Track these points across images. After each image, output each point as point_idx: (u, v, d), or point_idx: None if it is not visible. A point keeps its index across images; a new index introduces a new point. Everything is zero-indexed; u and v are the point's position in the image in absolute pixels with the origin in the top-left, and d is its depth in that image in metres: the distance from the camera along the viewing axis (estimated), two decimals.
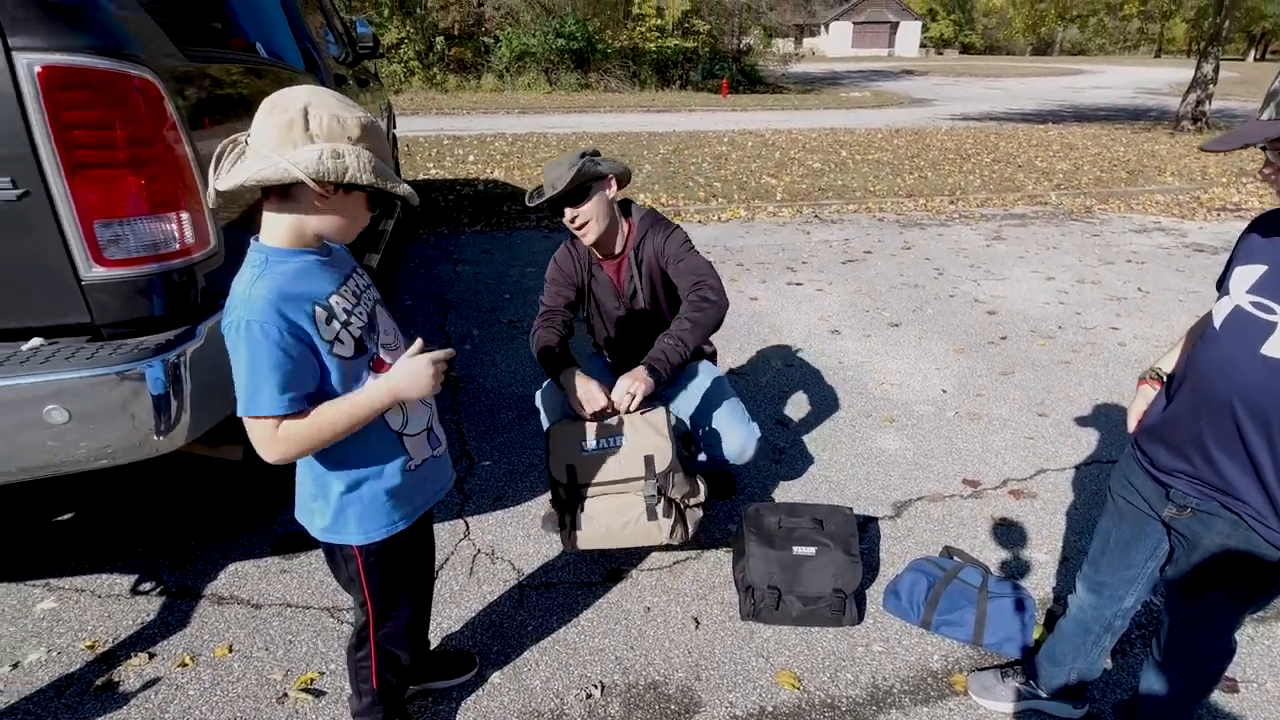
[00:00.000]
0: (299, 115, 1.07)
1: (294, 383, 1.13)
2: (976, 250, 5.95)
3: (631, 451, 1.91)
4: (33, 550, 2.34)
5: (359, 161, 1.10)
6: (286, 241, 1.16)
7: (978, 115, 16.84)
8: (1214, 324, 1.29)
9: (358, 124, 1.11)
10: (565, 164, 2.05)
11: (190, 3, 2.27)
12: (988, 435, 3.09)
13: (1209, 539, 1.31)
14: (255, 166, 1.06)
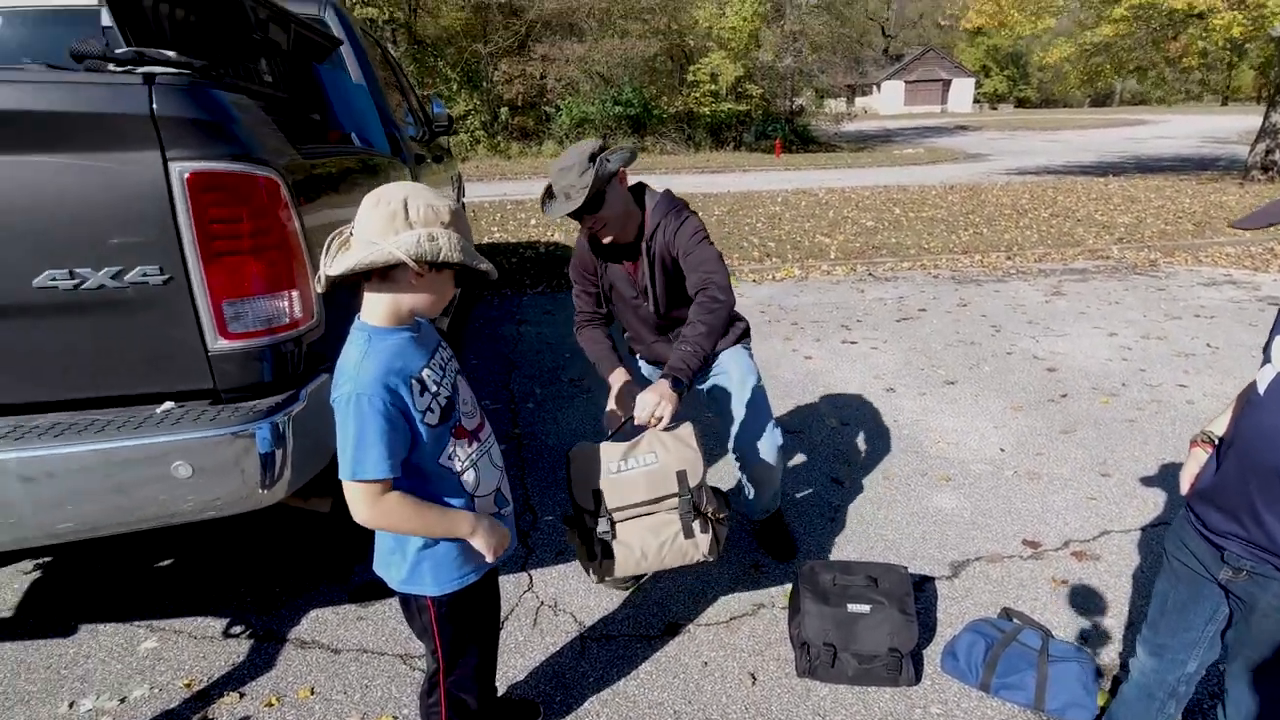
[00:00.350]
0: (400, 206, 1.24)
1: (394, 450, 1.27)
2: (1035, 306, 5.90)
3: (663, 468, 1.86)
4: (138, 593, 2.55)
5: (450, 243, 1.26)
6: (386, 320, 1.31)
7: (1035, 169, 16.72)
8: (1258, 390, 1.33)
9: (448, 211, 1.28)
10: (575, 169, 2.00)
11: (300, 103, 2.57)
12: (1048, 495, 3.06)
13: (1265, 601, 1.33)
14: (363, 253, 1.23)
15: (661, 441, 1.88)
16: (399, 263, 1.23)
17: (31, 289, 1.50)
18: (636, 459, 1.85)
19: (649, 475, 1.85)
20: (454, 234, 1.27)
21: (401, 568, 1.45)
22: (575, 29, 23.53)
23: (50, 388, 1.64)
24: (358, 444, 1.24)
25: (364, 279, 1.28)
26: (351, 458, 1.25)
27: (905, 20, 62.54)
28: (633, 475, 1.85)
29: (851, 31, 31.31)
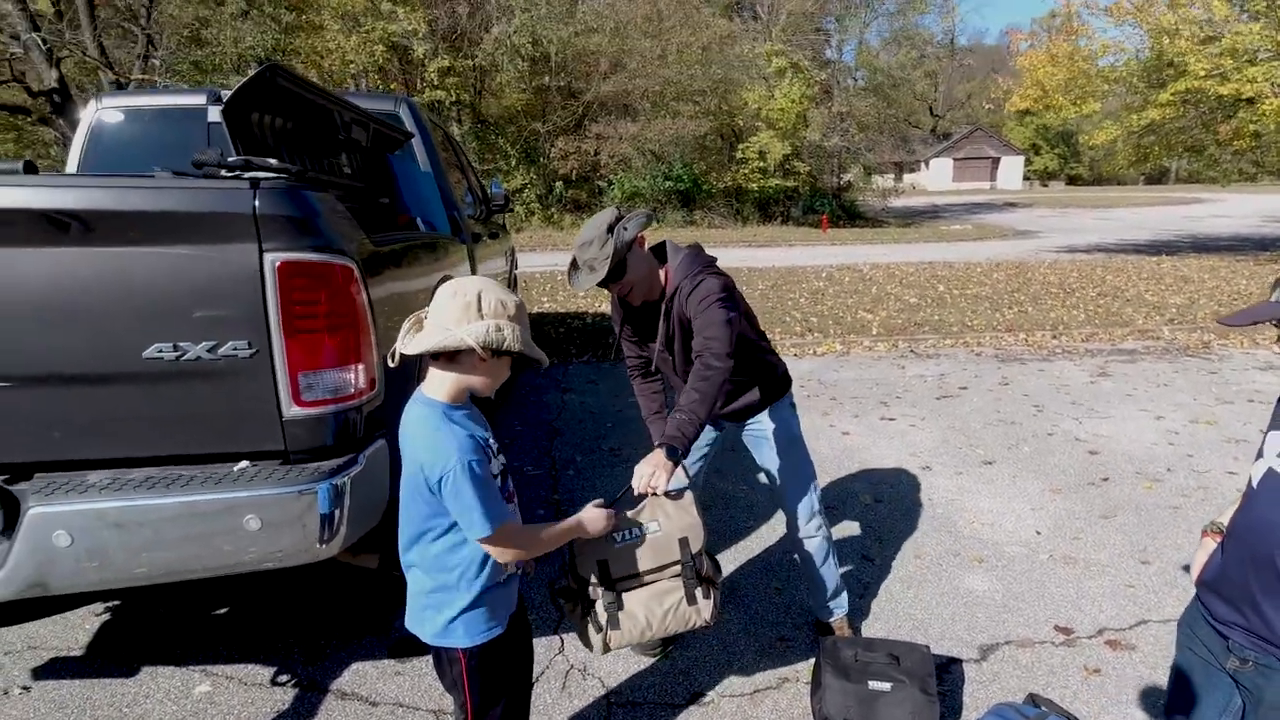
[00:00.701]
0: (475, 299, 1.42)
1: (499, 501, 1.46)
2: (1079, 387, 5.86)
3: (666, 535, 1.88)
4: (195, 639, 2.72)
5: (513, 334, 1.43)
6: (450, 396, 1.48)
7: (1085, 247, 16.60)
8: (1252, 485, 1.40)
9: (514, 306, 1.46)
10: (596, 242, 2.08)
11: (373, 190, 2.87)
12: (1084, 581, 3.04)
13: (1271, 693, 1.36)
14: (437, 337, 1.40)
15: (663, 509, 1.91)
16: (467, 348, 1.40)
17: (141, 359, 1.74)
18: (639, 529, 1.87)
19: (652, 543, 1.88)
20: (517, 326, 1.45)
21: (435, 622, 1.56)
22: (629, 109, 24.62)
23: (145, 445, 1.86)
24: (482, 503, 1.42)
25: (432, 359, 1.46)
26: (481, 516, 1.42)
27: (953, 101, 63.52)
28: (635, 545, 1.87)
29: (899, 112, 31.96)
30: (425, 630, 1.59)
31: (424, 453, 1.43)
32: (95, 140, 3.40)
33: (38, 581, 1.73)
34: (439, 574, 1.54)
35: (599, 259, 2.07)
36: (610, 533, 1.83)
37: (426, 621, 1.58)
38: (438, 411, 1.46)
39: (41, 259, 1.68)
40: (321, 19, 19.94)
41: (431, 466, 1.42)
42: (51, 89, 13.69)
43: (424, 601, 1.57)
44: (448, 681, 1.66)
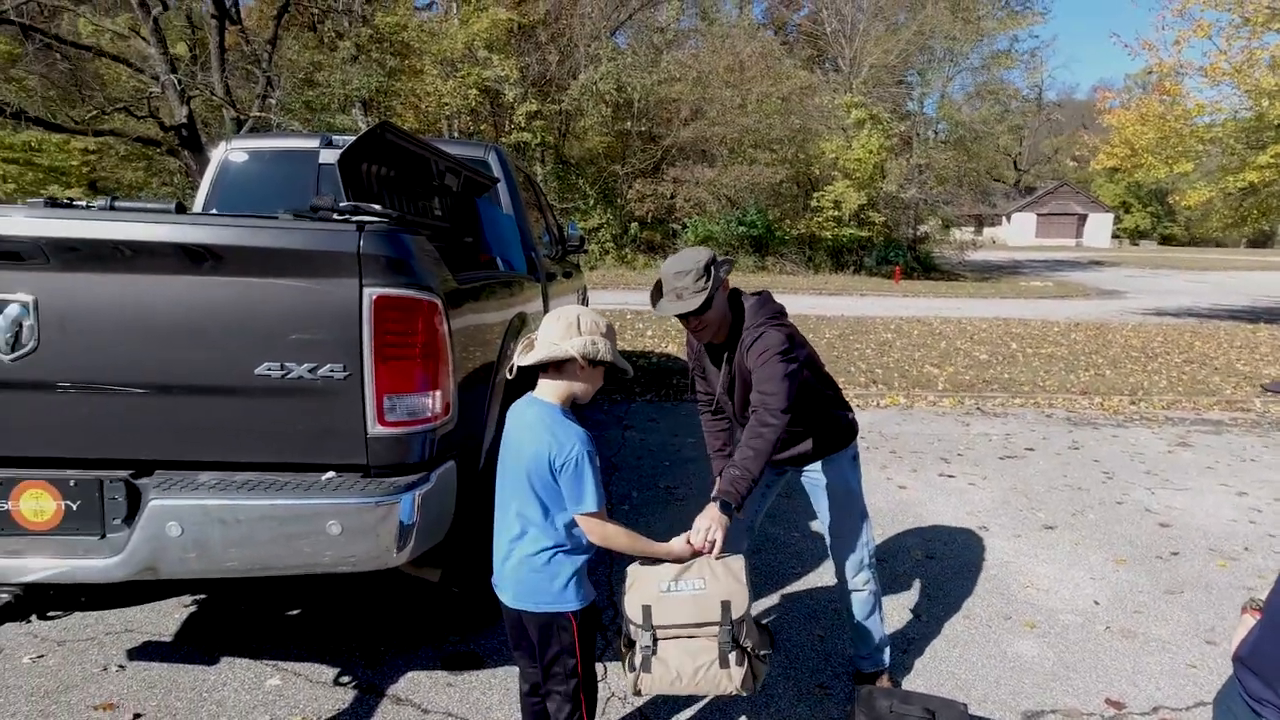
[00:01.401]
0: (575, 320, 1.80)
1: (602, 486, 1.78)
2: (1155, 456, 5.65)
3: (709, 596, 1.92)
4: (268, 634, 2.94)
5: (606, 347, 1.79)
6: (558, 400, 1.82)
7: (1174, 310, 15.88)
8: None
9: (605, 326, 1.83)
10: (692, 274, 2.15)
11: (459, 231, 3.12)
12: (1141, 656, 2.95)
13: None
14: (547, 351, 1.76)
15: (712, 569, 1.95)
16: (571, 358, 1.75)
17: (253, 375, 1.98)
18: (686, 582, 1.92)
19: (695, 600, 1.91)
20: (608, 341, 1.81)
21: (550, 589, 1.80)
22: (707, 155, 25.13)
23: (248, 451, 2.09)
24: (593, 484, 1.74)
25: (542, 370, 1.81)
26: (590, 494, 1.74)
27: (1039, 155, 62.04)
28: (681, 597, 1.92)
29: (980, 165, 31.46)
30: (540, 600, 1.81)
31: (547, 441, 1.74)
32: (222, 176, 3.82)
33: (150, 566, 1.97)
34: (560, 541, 1.80)
35: (690, 290, 2.16)
36: (659, 581, 1.93)
37: (541, 590, 1.81)
38: (555, 410, 1.80)
39: (181, 285, 1.95)
40: (422, 64, 21.27)
41: (556, 451, 1.73)
42: (181, 124, 15.05)
43: (540, 574, 1.81)
44: (554, 650, 1.84)
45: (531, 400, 1.84)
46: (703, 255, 2.21)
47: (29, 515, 2.02)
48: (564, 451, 1.71)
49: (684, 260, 2.20)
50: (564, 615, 1.81)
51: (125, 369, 1.99)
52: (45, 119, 16.05)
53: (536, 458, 1.74)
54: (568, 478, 1.72)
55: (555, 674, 1.86)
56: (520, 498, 1.80)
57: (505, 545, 1.86)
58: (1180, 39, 12.41)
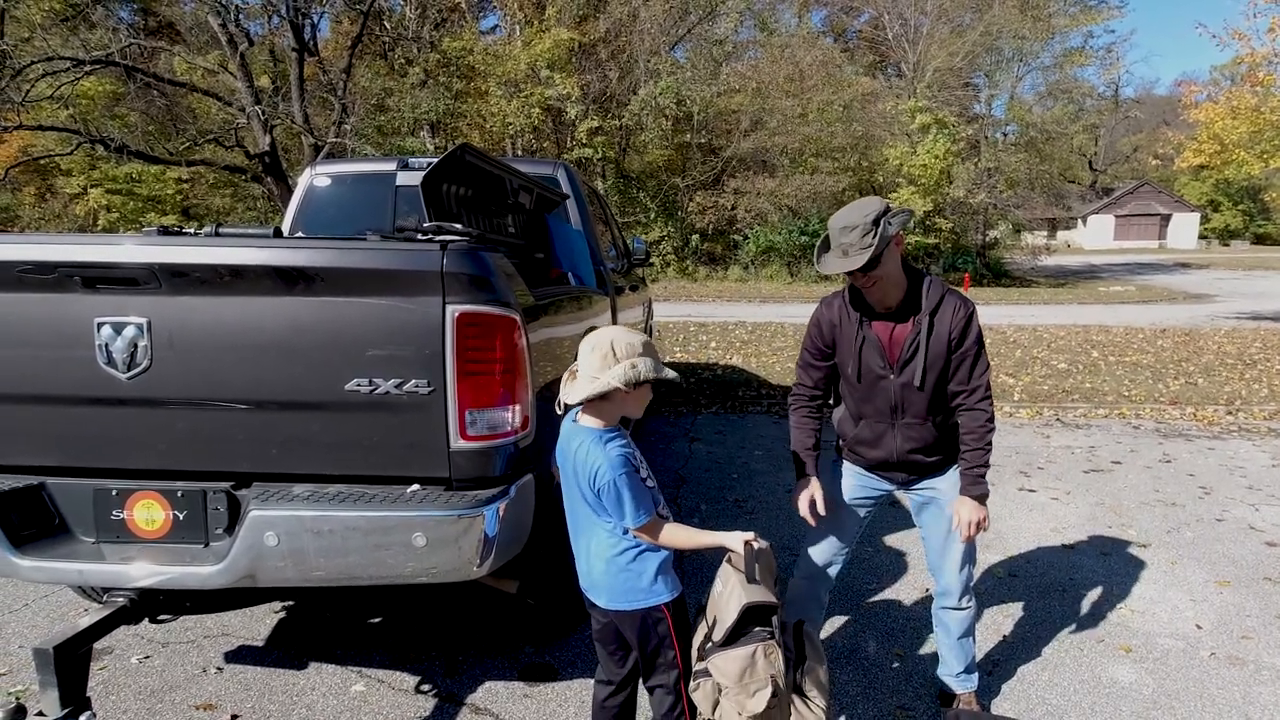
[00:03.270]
0: (609, 348, 1.77)
1: (647, 499, 1.83)
2: (1258, 470, 5.29)
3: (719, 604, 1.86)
4: (353, 642, 3.04)
5: (646, 366, 1.78)
6: (608, 423, 1.85)
7: (1272, 314, 14.90)
8: None
9: (641, 343, 1.80)
10: (860, 229, 2.02)
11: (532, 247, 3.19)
12: (1253, 685, 2.76)
13: None
14: (591, 387, 1.76)
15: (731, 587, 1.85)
16: (614, 389, 1.75)
17: (343, 390, 2.06)
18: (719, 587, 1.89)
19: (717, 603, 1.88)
20: (648, 358, 1.79)
21: (639, 585, 1.86)
22: (768, 165, 24.99)
23: (338, 464, 2.18)
24: (632, 502, 1.79)
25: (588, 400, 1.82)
26: (631, 512, 1.79)
27: (1116, 155, 59.33)
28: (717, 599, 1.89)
29: (1053, 167, 30.29)
30: (633, 598, 1.86)
31: (587, 466, 1.81)
32: (307, 200, 4.02)
33: (249, 574, 2.07)
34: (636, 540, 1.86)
35: (857, 246, 2.03)
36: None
37: (633, 589, 1.86)
38: (593, 435, 1.84)
39: (277, 305, 2.05)
40: (487, 85, 21.91)
41: (593, 477, 1.80)
42: (264, 152, 15.89)
43: (627, 572, 1.86)
44: (653, 645, 1.89)
45: (577, 426, 1.88)
46: (872, 206, 2.07)
47: (142, 524, 2.15)
48: (599, 478, 1.78)
49: (851, 214, 2.07)
50: (658, 609, 1.87)
51: (227, 386, 2.10)
52: (145, 152, 17.21)
53: (585, 477, 1.83)
54: (609, 501, 1.80)
55: (658, 666, 1.92)
56: (586, 509, 1.88)
57: (586, 552, 1.92)
58: (1275, 26, 11.71)
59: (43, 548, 2.15)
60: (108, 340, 2.06)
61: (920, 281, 2.21)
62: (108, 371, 2.08)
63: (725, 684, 1.76)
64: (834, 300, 2.34)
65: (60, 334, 2.08)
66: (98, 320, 2.06)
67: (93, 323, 2.06)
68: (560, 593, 2.89)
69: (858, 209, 2.09)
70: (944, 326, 2.17)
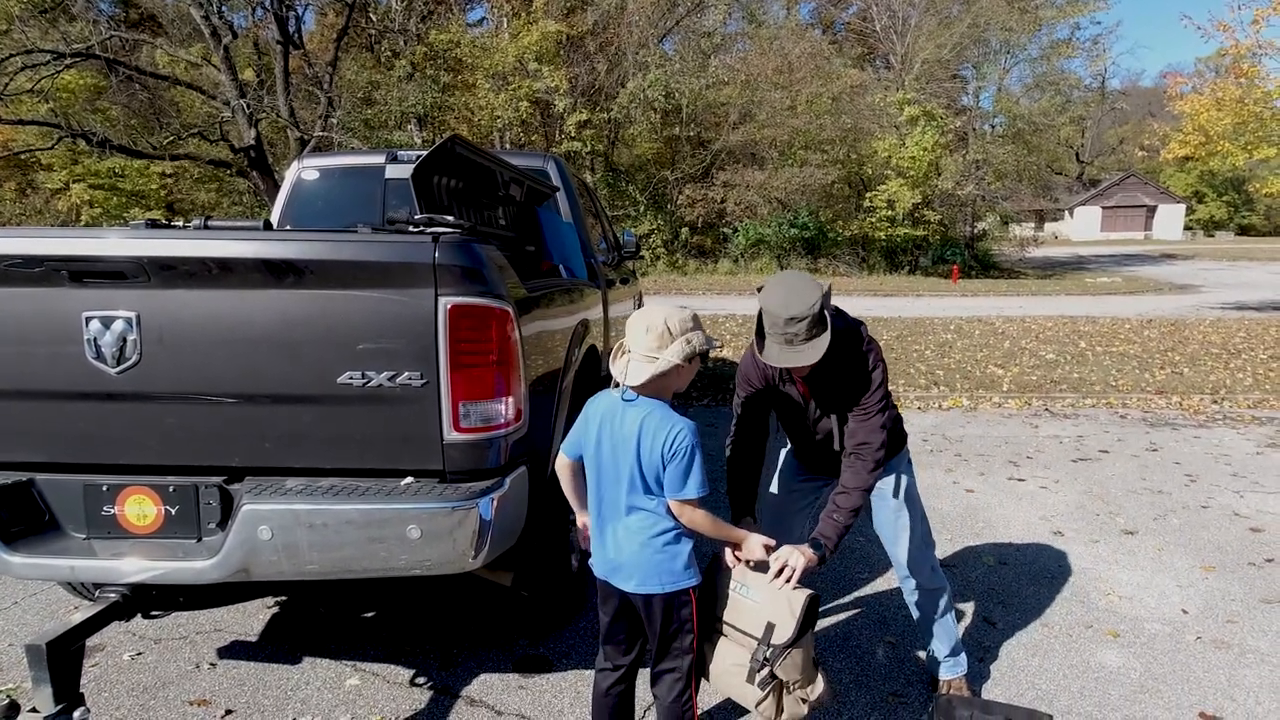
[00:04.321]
0: (665, 327, 1.82)
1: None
2: (1243, 458, 5.36)
3: (760, 611, 1.96)
4: (347, 636, 3.03)
5: (699, 340, 1.85)
6: (665, 395, 1.88)
7: (1256, 304, 15.06)
8: None
9: (690, 317, 1.87)
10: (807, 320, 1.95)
11: (523, 239, 3.19)
12: (1238, 669, 2.81)
13: None
14: (654, 367, 1.80)
15: (775, 593, 1.96)
16: (675, 366, 1.81)
17: (335, 384, 2.06)
18: (752, 592, 2.00)
19: (751, 609, 1.99)
20: (699, 332, 1.86)
21: (673, 567, 1.89)
22: (757, 158, 24.99)
23: (331, 458, 2.17)
24: (700, 472, 1.82)
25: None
26: (695, 483, 1.81)
27: (1103, 146, 59.70)
28: (743, 602, 2.01)
29: (1040, 158, 30.44)
30: (666, 580, 1.88)
31: (663, 433, 1.81)
32: (295, 194, 3.99)
33: (243, 568, 2.06)
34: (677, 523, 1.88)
35: (802, 338, 1.97)
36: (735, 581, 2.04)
37: (664, 571, 1.88)
38: (661, 406, 1.86)
39: (268, 299, 2.04)
40: (475, 78, 21.78)
41: (671, 441, 1.80)
42: (249, 146, 15.74)
43: (664, 554, 1.88)
44: (674, 627, 1.93)
45: (631, 398, 1.84)
46: (814, 294, 1.96)
47: (133, 519, 2.14)
48: (678, 441, 1.79)
49: (796, 303, 1.95)
50: (686, 592, 1.90)
51: (218, 380, 2.09)
52: (127, 146, 17.00)
53: (651, 450, 1.81)
54: (677, 465, 1.79)
55: (674, 650, 1.94)
56: (632, 489, 1.86)
57: (615, 535, 1.92)
58: (1259, 17, 11.81)
59: (34, 544, 2.14)
60: (96, 334, 2.05)
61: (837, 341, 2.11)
62: (97, 366, 2.07)
63: (794, 678, 1.91)
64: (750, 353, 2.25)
65: (48, 329, 2.07)
66: (86, 314, 2.05)
67: (81, 317, 2.05)
68: (555, 584, 2.90)
69: (801, 296, 1.96)
70: (845, 387, 2.19)
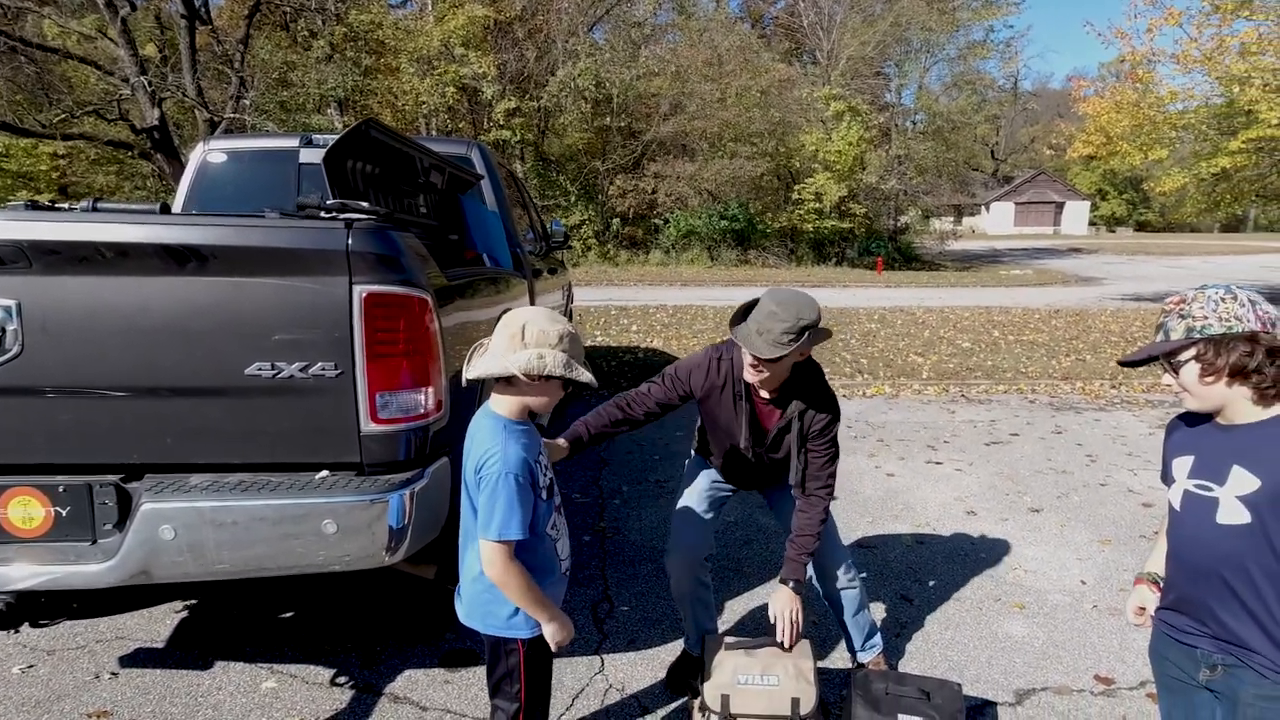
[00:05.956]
0: (519, 330, 1.60)
1: (526, 518, 1.60)
2: (1137, 438, 5.74)
3: (782, 692, 2.14)
4: (262, 638, 2.92)
5: (555, 360, 1.60)
6: (512, 414, 1.67)
7: (1151, 296, 16.12)
8: (1175, 506, 1.56)
9: (557, 334, 1.62)
10: (784, 324, 2.03)
11: (445, 228, 3.11)
12: (1129, 633, 3.00)
13: (1243, 690, 1.45)
14: (488, 365, 1.62)
15: (785, 666, 2.18)
16: (514, 374, 1.59)
17: (243, 375, 1.96)
18: (763, 677, 2.15)
19: (769, 694, 2.14)
20: (559, 353, 1.61)
21: (499, 614, 1.71)
22: (688, 150, 25.13)
23: (240, 452, 2.08)
24: (506, 511, 1.57)
25: (495, 381, 1.66)
26: (500, 522, 1.57)
27: (1016, 144, 62.61)
28: (756, 690, 2.15)
29: (959, 155, 31.70)
30: (489, 623, 1.73)
31: (478, 452, 1.63)
32: (201, 177, 3.78)
33: (143, 570, 1.95)
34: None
35: (773, 336, 2.04)
36: (738, 673, 2.16)
37: (490, 614, 1.72)
38: (498, 423, 1.66)
39: (167, 286, 1.93)
40: (398, 62, 21.10)
41: (480, 463, 1.62)
42: (153, 126, 14.82)
43: (487, 596, 1.71)
44: (501, 673, 1.77)
45: (485, 409, 1.70)
46: (807, 313, 2.07)
47: (18, 522, 1.99)
48: (486, 466, 1.59)
49: (787, 308, 2.06)
50: (511, 641, 1.73)
51: (112, 372, 1.97)
52: (12, 124, 15.73)
53: (470, 469, 1.65)
54: (484, 496, 1.60)
55: (502, 692, 1.79)
56: (470, 513, 1.71)
57: (467, 558, 1.78)
58: (1152, 26, 12.57)
59: None
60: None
61: (802, 377, 2.30)
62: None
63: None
64: (722, 364, 2.36)
65: None
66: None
67: None
68: None
69: (797, 307, 2.07)
70: (808, 424, 2.31)
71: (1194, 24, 12.08)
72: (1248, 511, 1.42)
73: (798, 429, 2.31)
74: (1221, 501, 1.46)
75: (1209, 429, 1.55)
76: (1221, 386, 1.45)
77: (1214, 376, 1.44)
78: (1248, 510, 1.42)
